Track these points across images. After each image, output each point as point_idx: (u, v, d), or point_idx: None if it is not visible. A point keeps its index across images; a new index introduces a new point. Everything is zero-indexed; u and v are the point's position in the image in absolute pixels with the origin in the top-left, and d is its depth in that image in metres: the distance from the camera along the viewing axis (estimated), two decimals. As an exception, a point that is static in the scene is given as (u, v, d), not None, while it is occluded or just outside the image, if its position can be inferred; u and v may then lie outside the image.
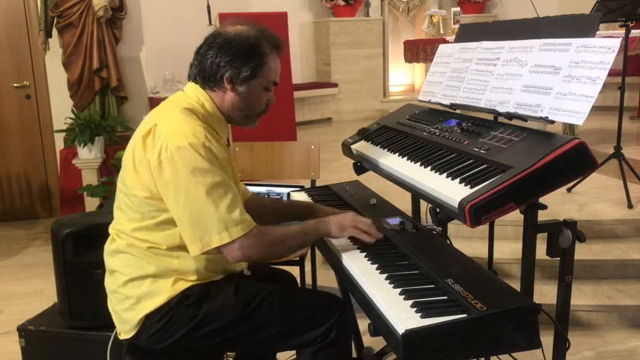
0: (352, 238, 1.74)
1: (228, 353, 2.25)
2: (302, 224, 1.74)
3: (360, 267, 1.56)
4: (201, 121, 1.59)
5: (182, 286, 1.61)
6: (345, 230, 1.69)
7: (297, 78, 6.29)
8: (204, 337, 1.62)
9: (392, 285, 1.44)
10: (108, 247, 1.72)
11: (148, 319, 1.60)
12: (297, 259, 2.46)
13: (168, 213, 1.57)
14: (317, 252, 2.69)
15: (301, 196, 2.24)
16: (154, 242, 1.60)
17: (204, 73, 1.65)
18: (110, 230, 1.73)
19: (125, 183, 1.63)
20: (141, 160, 1.56)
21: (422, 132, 1.83)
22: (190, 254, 1.55)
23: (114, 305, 1.69)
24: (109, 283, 1.71)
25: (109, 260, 1.70)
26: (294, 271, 2.24)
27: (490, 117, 1.71)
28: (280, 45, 1.70)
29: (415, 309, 1.31)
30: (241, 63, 1.62)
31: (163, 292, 1.60)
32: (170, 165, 1.51)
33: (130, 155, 1.60)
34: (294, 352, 1.77)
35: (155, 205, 1.57)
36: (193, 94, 1.68)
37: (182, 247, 1.59)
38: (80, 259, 2.22)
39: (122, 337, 1.67)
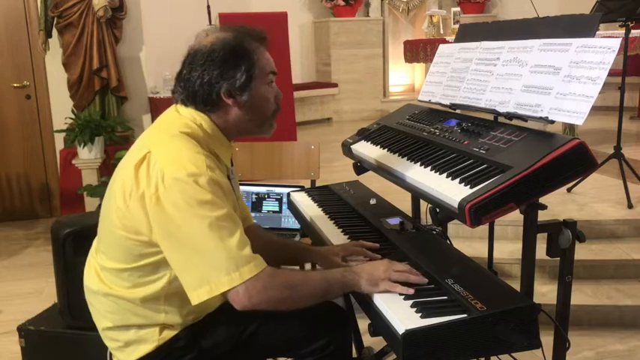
0: (351, 237, 1.73)
1: None
2: (326, 271, 1.51)
3: (360, 267, 1.56)
4: (201, 145, 1.41)
5: (169, 334, 1.50)
6: (378, 285, 1.41)
7: (297, 78, 6.28)
8: None
9: (392, 285, 1.44)
10: (88, 278, 1.57)
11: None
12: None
13: (156, 256, 1.40)
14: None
15: (301, 196, 2.24)
16: (138, 292, 1.45)
17: (195, 97, 1.45)
18: (89, 258, 1.59)
19: (111, 219, 1.44)
20: (132, 194, 1.36)
21: (422, 132, 1.83)
22: (191, 302, 1.35)
23: (103, 339, 1.59)
24: (94, 316, 1.58)
25: (90, 297, 1.57)
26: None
27: (490, 117, 1.71)
28: (262, 36, 1.51)
29: (415, 309, 1.31)
30: (233, 71, 1.44)
31: (150, 340, 1.50)
32: (168, 199, 1.31)
33: (120, 186, 1.41)
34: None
35: (142, 247, 1.40)
36: (188, 114, 1.47)
37: (169, 299, 1.47)
38: (80, 259, 2.21)
39: None
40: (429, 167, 1.58)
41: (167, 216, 1.32)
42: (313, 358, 1.61)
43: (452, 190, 1.40)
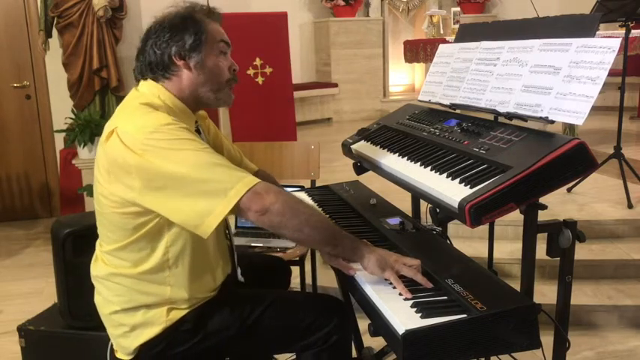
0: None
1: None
2: (343, 229, 1.52)
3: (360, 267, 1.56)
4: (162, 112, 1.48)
5: (177, 315, 1.55)
6: (384, 271, 1.44)
7: (297, 78, 6.28)
8: (205, 353, 1.60)
9: (392, 285, 1.44)
10: (94, 268, 1.63)
11: (145, 346, 1.56)
12: (297, 259, 2.46)
13: (150, 224, 1.46)
14: (317, 252, 2.69)
15: (301, 197, 2.24)
16: (140, 267, 1.51)
17: (150, 65, 1.55)
18: (97, 246, 1.65)
19: (99, 201, 1.52)
20: (111, 168, 1.43)
21: (422, 132, 1.83)
22: (204, 236, 1.38)
23: (108, 327, 1.64)
24: (100, 305, 1.64)
25: (98, 284, 1.63)
26: (294, 271, 2.24)
27: (490, 117, 1.71)
28: (213, 11, 1.63)
29: (415, 309, 1.31)
30: (181, 34, 1.53)
31: (158, 322, 1.54)
32: (149, 154, 1.36)
33: (98, 168, 1.48)
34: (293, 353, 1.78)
35: (134, 219, 1.45)
36: (147, 89, 1.56)
37: (172, 270, 1.52)
38: (80, 259, 2.22)
39: (119, 356, 1.62)
40: (429, 167, 1.58)
41: (153, 168, 1.37)
42: (315, 350, 1.63)
43: (452, 190, 1.40)
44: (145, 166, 1.38)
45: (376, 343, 2.32)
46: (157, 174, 1.38)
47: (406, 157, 1.73)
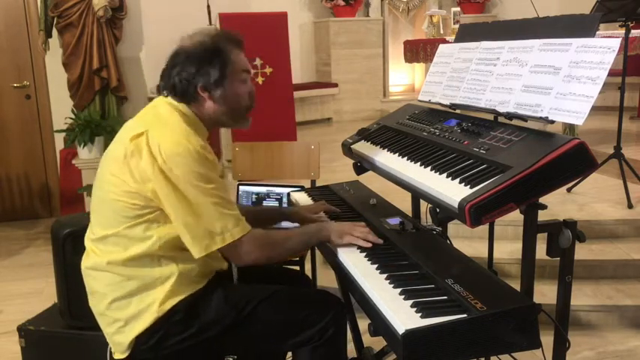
0: None
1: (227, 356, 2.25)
2: (303, 227, 1.76)
3: (360, 267, 1.56)
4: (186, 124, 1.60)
5: (169, 304, 1.59)
6: (343, 237, 1.69)
7: (297, 78, 6.28)
8: (200, 346, 1.62)
9: (392, 285, 1.44)
10: (85, 261, 1.69)
11: (139, 339, 1.59)
12: (297, 258, 2.46)
13: (150, 215, 1.56)
14: (317, 252, 2.69)
15: (301, 196, 2.24)
16: (131, 251, 1.58)
17: (174, 90, 1.65)
18: (86, 242, 1.71)
19: (102, 187, 1.61)
20: (131, 162, 1.54)
21: (422, 132, 1.83)
22: (194, 256, 1.55)
23: (103, 327, 1.68)
24: (94, 304, 1.69)
25: (89, 280, 1.69)
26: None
27: (490, 117, 1.71)
28: (238, 40, 1.71)
29: (415, 309, 1.31)
30: (207, 68, 1.62)
31: (150, 312, 1.58)
32: (169, 171, 1.50)
33: (120, 156, 1.56)
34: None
35: (138, 209, 1.55)
36: (170, 103, 1.66)
37: (163, 250, 1.58)
38: (80, 259, 2.22)
39: (117, 357, 1.65)
40: (429, 167, 1.58)
41: (169, 186, 1.51)
42: (312, 346, 1.66)
43: (452, 190, 1.40)
44: (160, 178, 1.51)
45: (376, 343, 2.32)
46: (169, 190, 1.51)
47: (406, 157, 1.73)
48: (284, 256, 1.71)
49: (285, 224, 2.03)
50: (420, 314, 1.29)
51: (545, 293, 2.58)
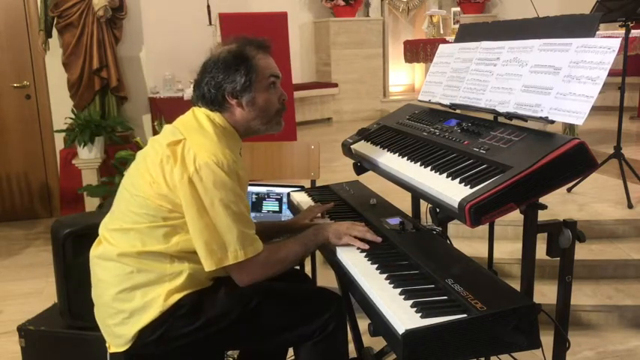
0: None
1: (229, 353, 2.25)
2: (300, 235, 1.75)
3: (360, 267, 1.56)
4: (219, 139, 1.61)
5: (174, 298, 1.59)
6: (341, 238, 1.71)
7: (297, 78, 6.28)
8: (204, 341, 1.62)
9: (392, 285, 1.44)
10: (95, 249, 1.69)
11: (142, 332, 1.59)
12: (297, 259, 2.45)
13: (175, 221, 1.58)
14: (317, 252, 2.69)
15: (301, 196, 2.24)
16: (149, 246, 1.59)
17: (204, 98, 1.67)
18: (100, 229, 1.70)
19: (135, 184, 1.62)
20: (167, 168, 1.56)
21: (422, 132, 1.83)
22: (205, 269, 1.57)
23: (104, 319, 1.67)
24: (97, 294, 1.69)
25: (97, 269, 1.68)
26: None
27: (490, 117, 1.71)
28: (263, 44, 1.72)
29: (415, 309, 1.31)
30: (233, 76, 1.64)
31: (155, 305, 1.58)
32: (197, 180, 1.52)
33: (157, 156, 1.58)
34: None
35: (166, 212, 1.57)
36: (204, 113, 1.68)
37: (179, 254, 1.60)
38: (80, 259, 2.22)
39: (113, 350, 1.64)
40: (429, 167, 1.58)
41: (194, 195, 1.53)
42: (313, 341, 1.68)
43: (452, 190, 1.40)
44: (187, 187, 1.53)
45: (376, 343, 2.32)
46: (193, 199, 1.54)
47: (406, 157, 1.73)
48: (286, 268, 1.71)
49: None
50: (420, 314, 1.29)
51: (545, 293, 2.58)
